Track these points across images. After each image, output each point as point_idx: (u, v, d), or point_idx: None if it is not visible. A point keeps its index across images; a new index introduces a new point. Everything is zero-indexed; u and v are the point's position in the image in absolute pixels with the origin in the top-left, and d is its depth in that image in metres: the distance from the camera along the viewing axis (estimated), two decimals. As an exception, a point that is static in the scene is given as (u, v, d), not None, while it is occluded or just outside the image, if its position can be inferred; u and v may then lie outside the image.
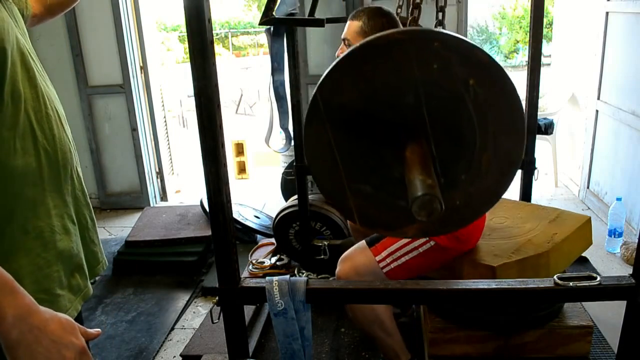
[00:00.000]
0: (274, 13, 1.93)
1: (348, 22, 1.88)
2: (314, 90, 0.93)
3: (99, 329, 0.80)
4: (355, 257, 1.73)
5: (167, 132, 4.28)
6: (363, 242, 1.73)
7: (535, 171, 2.29)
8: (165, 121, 4.25)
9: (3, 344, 0.69)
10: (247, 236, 3.17)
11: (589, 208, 3.49)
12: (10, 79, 0.89)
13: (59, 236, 1.00)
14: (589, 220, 1.80)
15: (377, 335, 1.81)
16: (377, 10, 1.84)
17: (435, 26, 1.47)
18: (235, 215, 3.05)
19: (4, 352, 0.70)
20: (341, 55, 0.92)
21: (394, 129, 0.94)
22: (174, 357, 2.23)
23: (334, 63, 0.93)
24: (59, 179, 1.00)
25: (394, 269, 1.65)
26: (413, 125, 0.93)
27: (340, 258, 1.78)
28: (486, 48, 15.18)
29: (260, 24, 1.95)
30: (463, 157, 0.95)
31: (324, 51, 3.59)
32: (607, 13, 3.25)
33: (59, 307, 0.98)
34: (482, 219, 1.70)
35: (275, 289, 1.19)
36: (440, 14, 1.47)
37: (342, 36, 1.90)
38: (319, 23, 2.04)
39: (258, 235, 3.17)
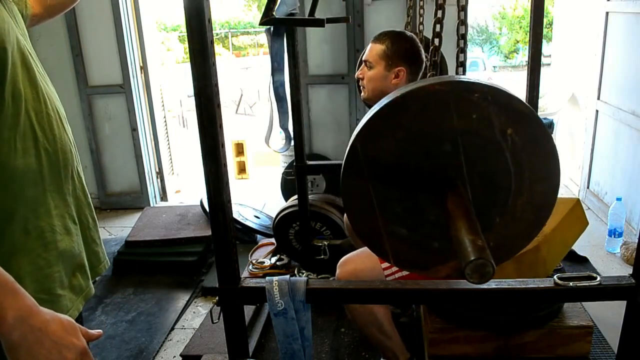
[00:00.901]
0: (274, 13, 1.93)
1: (370, 45, 1.88)
2: (352, 138, 0.95)
3: (101, 330, 0.79)
4: (358, 261, 1.72)
5: (167, 132, 4.28)
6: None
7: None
8: (165, 121, 4.26)
9: (4, 345, 0.69)
10: (247, 236, 3.17)
11: (589, 208, 3.49)
12: (11, 79, 0.89)
13: (60, 236, 0.99)
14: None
15: (375, 337, 1.80)
16: (400, 35, 1.85)
17: (458, 25, 1.48)
18: (235, 215, 3.05)
19: (5, 353, 0.70)
20: (380, 105, 0.93)
21: (431, 175, 0.96)
22: (174, 357, 2.23)
23: (372, 111, 0.94)
24: (59, 179, 1.00)
25: (398, 279, 1.64)
26: (450, 172, 0.95)
27: (341, 261, 1.77)
28: (486, 48, 15.17)
29: (261, 24, 1.95)
30: (498, 201, 0.98)
31: (324, 51, 3.59)
32: (607, 13, 3.25)
33: (60, 307, 0.98)
34: None
35: (275, 289, 1.19)
36: (462, 13, 1.48)
37: (364, 58, 1.90)
38: (319, 23, 2.04)
39: (258, 235, 3.17)
